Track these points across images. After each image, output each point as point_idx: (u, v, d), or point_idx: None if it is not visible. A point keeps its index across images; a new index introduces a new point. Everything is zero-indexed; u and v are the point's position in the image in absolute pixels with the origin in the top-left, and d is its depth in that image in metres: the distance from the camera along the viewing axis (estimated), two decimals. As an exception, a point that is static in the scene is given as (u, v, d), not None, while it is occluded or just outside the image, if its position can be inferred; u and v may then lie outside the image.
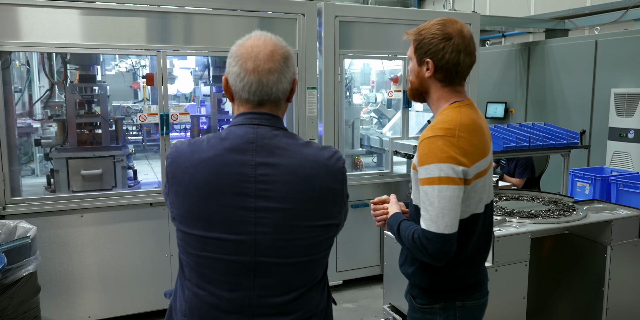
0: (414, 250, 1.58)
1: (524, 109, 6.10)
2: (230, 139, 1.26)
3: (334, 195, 1.28)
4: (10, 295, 2.19)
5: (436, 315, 1.71)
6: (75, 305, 3.40)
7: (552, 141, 3.23)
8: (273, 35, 1.31)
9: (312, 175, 1.24)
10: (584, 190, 3.40)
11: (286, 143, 1.26)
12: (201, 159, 1.24)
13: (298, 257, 1.26)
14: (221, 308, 1.26)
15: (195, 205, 1.24)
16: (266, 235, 1.22)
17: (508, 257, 2.57)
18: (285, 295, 1.26)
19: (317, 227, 1.27)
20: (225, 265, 1.25)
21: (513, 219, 2.76)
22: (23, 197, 3.28)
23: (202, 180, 1.23)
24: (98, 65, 3.78)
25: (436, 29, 1.61)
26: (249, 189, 1.22)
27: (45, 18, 3.13)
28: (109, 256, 3.44)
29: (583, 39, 5.47)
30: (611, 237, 2.83)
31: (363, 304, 3.99)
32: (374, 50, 4.09)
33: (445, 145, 1.52)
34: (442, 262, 1.56)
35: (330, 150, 1.31)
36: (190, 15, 3.48)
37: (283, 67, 1.26)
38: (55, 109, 3.71)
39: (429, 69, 1.63)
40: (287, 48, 1.29)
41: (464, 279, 1.69)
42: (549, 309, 3.25)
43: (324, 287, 1.37)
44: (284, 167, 1.23)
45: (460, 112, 1.61)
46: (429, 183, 1.52)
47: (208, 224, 1.24)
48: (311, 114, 3.89)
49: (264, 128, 1.27)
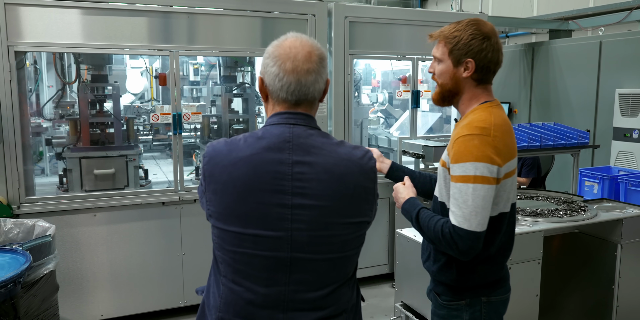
0: (440, 244, 1.61)
1: (528, 109, 6.14)
2: (267, 138, 1.28)
3: (366, 193, 1.31)
4: (33, 293, 2.21)
5: (462, 311, 1.73)
6: (88, 303, 3.42)
7: (562, 141, 3.26)
8: (309, 37, 1.34)
9: (347, 173, 1.27)
10: (592, 190, 3.44)
11: (321, 142, 1.29)
12: (239, 158, 1.27)
13: (332, 253, 1.29)
14: (256, 303, 1.29)
15: (233, 202, 1.27)
16: (302, 232, 1.25)
17: (521, 255, 2.60)
18: (318, 290, 1.29)
19: (350, 224, 1.30)
20: (261, 261, 1.27)
21: (525, 217, 2.79)
22: (37, 196, 3.30)
23: (241, 178, 1.26)
24: (110, 64, 3.80)
25: (474, 30, 1.63)
26: (286, 186, 1.25)
27: (58, 18, 3.15)
28: (121, 255, 3.46)
29: (587, 39, 5.51)
30: (621, 235, 2.86)
31: (373, 302, 4.02)
32: (384, 51, 4.11)
33: (482, 144, 1.55)
34: (469, 258, 1.60)
35: (362, 149, 1.34)
36: (201, 15, 3.50)
37: (320, 67, 1.29)
38: (66, 109, 3.73)
39: (467, 69, 1.65)
40: (322, 49, 1.33)
41: (489, 276, 1.72)
42: (559, 307, 3.28)
43: (354, 284, 1.40)
44: (320, 166, 1.26)
45: (492, 112, 1.64)
46: (464, 181, 1.54)
47: (245, 221, 1.26)
48: (321, 114, 3.92)
49: (300, 127, 1.29)
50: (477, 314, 1.74)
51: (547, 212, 2.86)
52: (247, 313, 1.30)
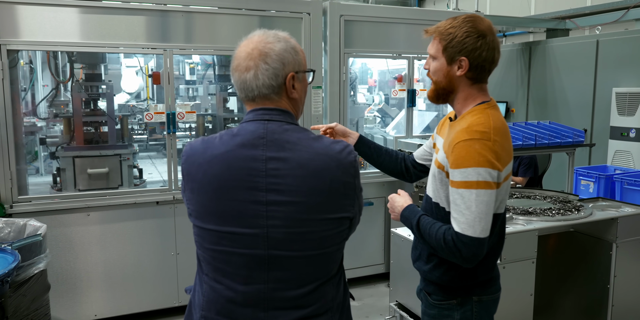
0: (443, 252, 1.57)
1: (525, 108, 6.13)
2: (241, 135, 1.28)
3: (345, 188, 1.29)
4: (22, 292, 2.20)
5: (453, 310, 1.72)
6: (82, 303, 3.40)
7: (557, 139, 3.25)
8: (269, 33, 1.32)
9: (323, 168, 1.25)
10: (588, 189, 3.43)
11: (297, 137, 1.27)
12: (214, 155, 1.27)
13: (311, 250, 1.27)
14: (237, 301, 1.29)
15: (209, 200, 1.27)
16: (278, 229, 1.24)
17: (515, 254, 2.59)
18: (299, 288, 1.28)
19: (329, 220, 1.27)
20: (239, 258, 1.27)
21: (520, 216, 2.78)
22: (30, 195, 3.28)
23: (215, 175, 1.26)
24: (104, 63, 3.78)
25: (469, 27, 1.58)
26: (260, 183, 1.24)
27: (51, 17, 3.14)
28: (115, 255, 3.44)
29: (584, 38, 5.50)
30: (617, 234, 2.85)
31: (368, 302, 4.01)
32: (379, 50, 4.10)
33: (483, 149, 1.52)
34: (472, 265, 1.57)
35: (342, 144, 1.31)
36: (195, 14, 3.49)
37: (259, 63, 1.27)
38: (60, 108, 3.71)
39: (461, 67, 1.61)
40: (272, 45, 1.29)
41: (480, 275, 1.71)
42: (555, 306, 3.27)
43: (339, 282, 1.37)
44: (295, 161, 1.24)
45: (490, 114, 1.60)
46: (467, 187, 1.51)
47: (222, 219, 1.27)
48: (316, 113, 3.91)
49: (275, 123, 1.29)
50: (468, 314, 1.73)
51: (542, 211, 2.84)
52: (229, 311, 1.30)
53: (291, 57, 1.30)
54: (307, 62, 1.40)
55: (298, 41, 3.69)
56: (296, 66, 1.31)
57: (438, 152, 1.72)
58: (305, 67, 1.36)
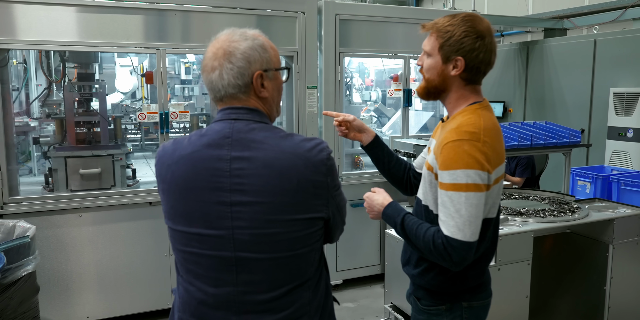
0: (431, 254, 1.52)
1: (523, 108, 6.11)
2: (208, 135, 1.26)
3: (315, 187, 1.24)
4: (9, 295, 2.16)
5: (442, 316, 1.69)
6: (74, 305, 3.37)
7: (554, 140, 3.22)
8: (236, 31, 1.29)
9: (289, 167, 1.21)
10: (584, 189, 3.40)
11: (263, 136, 1.24)
12: (181, 156, 1.26)
13: (279, 252, 1.23)
14: (208, 304, 1.27)
15: (176, 201, 1.26)
16: (243, 230, 1.21)
17: (511, 256, 2.57)
18: (270, 292, 1.25)
19: (297, 221, 1.23)
20: (208, 260, 1.25)
21: (515, 217, 2.75)
22: (21, 196, 3.25)
23: (181, 176, 1.24)
24: (97, 63, 3.75)
25: (468, 26, 1.53)
26: (224, 183, 1.22)
27: (43, 15, 3.10)
28: (107, 256, 3.41)
29: (581, 38, 5.47)
30: (613, 235, 2.83)
31: (363, 303, 3.98)
32: (374, 49, 4.07)
33: (472, 150, 1.46)
34: (461, 268, 1.52)
35: (314, 141, 1.27)
36: (189, 13, 3.46)
37: (224, 63, 1.25)
38: (53, 108, 3.68)
39: (456, 67, 1.55)
40: (237, 43, 1.26)
41: (470, 281, 1.67)
42: (551, 308, 3.25)
43: (317, 285, 1.32)
44: (259, 161, 1.21)
45: (482, 115, 1.56)
46: (455, 189, 1.46)
47: (189, 220, 1.25)
48: (311, 112, 3.88)
49: (242, 122, 1.26)
50: (457, 319, 1.69)
51: (538, 212, 2.82)
52: (201, 313, 1.28)
53: (258, 55, 1.27)
54: (302, 61, 1.37)
55: (293, 40, 3.75)
56: (264, 64, 1.28)
57: (430, 153, 1.68)
58: (277, 64, 1.33)
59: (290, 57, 3.78)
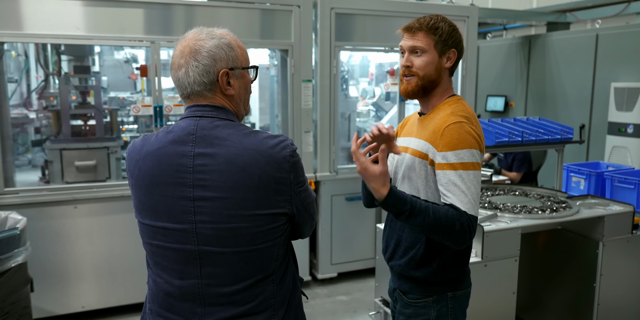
0: (450, 235, 1.53)
1: (524, 102, 6.06)
2: (174, 131, 1.30)
3: (277, 184, 1.27)
4: (-2, 285, 2.21)
5: (429, 308, 1.72)
6: (70, 295, 3.42)
7: (545, 136, 3.20)
8: (204, 30, 1.32)
9: (251, 164, 1.24)
10: (579, 186, 3.38)
11: (227, 133, 1.27)
12: (148, 152, 1.29)
13: (241, 246, 1.26)
14: (175, 295, 1.31)
15: (143, 195, 1.30)
16: (206, 224, 1.25)
17: (498, 252, 2.57)
18: (233, 285, 1.28)
19: (259, 216, 1.26)
20: (173, 253, 1.29)
21: (504, 213, 2.75)
22: (17, 187, 3.29)
23: (148, 171, 1.28)
24: (92, 56, 3.77)
25: (448, 22, 1.68)
26: (188, 179, 1.25)
27: (38, 9, 3.12)
28: (102, 247, 3.45)
29: (584, 32, 5.41)
30: (603, 233, 2.82)
31: (357, 296, 4.01)
32: (371, 43, 4.05)
33: (472, 131, 1.60)
34: (465, 246, 1.62)
35: (278, 138, 1.30)
36: (185, 6, 3.46)
37: (190, 61, 1.27)
38: (49, 100, 3.71)
39: (449, 59, 1.69)
40: (203, 42, 1.28)
41: (459, 269, 1.73)
42: (542, 304, 3.26)
43: (282, 279, 1.35)
44: (222, 157, 1.24)
45: (464, 104, 1.70)
46: (464, 168, 1.55)
47: (155, 214, 1.29)
48: (306, 106, 3.88)
49: (206, 119, 1.29)
50: (443, 310, 1.73)
51: (528, 208, 2.81)
52: (168, 305, 1.32)
53: (224, 54, 1.29)
54: (297, 55, 1.38)
55: (287, 34, 3.75)
56: (230, 62, 1.30)
57: (410, 145, 1.71)
58: (245, 63, 1.35)
59: (286, 50, 3.78)
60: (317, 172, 3.99)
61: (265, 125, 4.57)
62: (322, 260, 4.15)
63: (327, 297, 4.00)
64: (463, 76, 4.40)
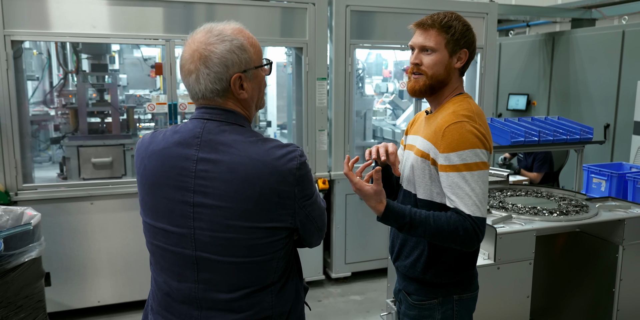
0: (456, 240, 1.52)
1: (547, 101, 5.92)
2: (181, 132, 1.26)
3: (280, 197, 1.21)
4: (9, 279, 2.25)
5: (434, 310, 1.69)
6: (85, 290, 3.48)
7: (563, 136, 3.10)
8: (213, 31, 1.24)
9: (253, 174, 1.18)
10: (599, 187, 3.28)
11: (232, 140, 1.22)
12: (153, 151, 1.27)
13: (237, 257, 1.23)
14: (173, 297, 1.30)
15: (146, 194, 1.29)
16: (204, 231, 1.22)
17: (511, 254, 2.51)
18: (230, 293, 1.25)
19: (257, 229, 1.21)
20: (172, 255, 1.27)
21: (520, 215, 2.69)
22: (35, 183, 3.36)
23: (151, 171, 1.26)
24: (110, 54, 3.81)
25: (462, 21, 1.64)
26: (189, 183, 1.22)
27: (55, 8, 3.17)
28: (118, 243, 3.50)
29: (609, 29, 5.24)
30: (623, 236, 2.73)
31: (371, 296, 3.98)
32: (387, 41, 4.00)
33: (473, 130, 1.55)
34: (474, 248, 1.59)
35: (288, 149, 1.23)
36: (198, 4, 3.47)
37: (200, 68, 1.21)
38: (68, 98, 3.77)
39: (460, 59, 1.64)
40: (213, 46, 1.21)
41: (464, 271, 1.70)
42: (558, 309, 3.17)
43: (282, 290, 1.30)
44: (224, 165, 1.19)
45: (471, 102, 1.65)
46: (468, 169, 1.51)
47: (155, 214, 1.27)
48: (321, 104, 3.86)
49: (213, 123, 1.25)
50: (449, 313, 1.70)
51: (545, 210, 2.74)
52: (167, 305, 1.31)
53: (236, 58, 1.22)
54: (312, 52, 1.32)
55: (302, 32, 3.73)
56: (243, 66, 1.24)
57: (416, 144, 1.70)
58: (258, 62, 1.28)
59: (300, 48, 3.76)
60: (331, 171, 3.97)
61: (282, 123, 4.57)
62: (336, 259, 4.13)
63: (341, 296, 3.98)
64: (481, 74, 4.31)
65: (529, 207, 2.78)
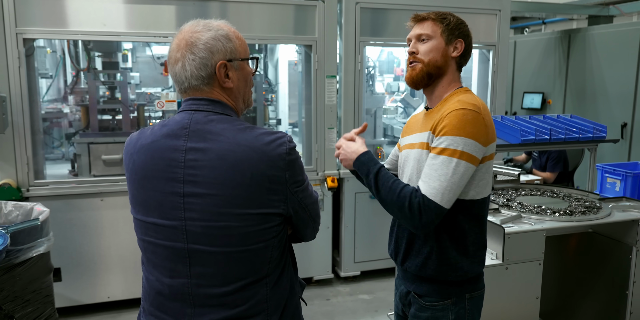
0: (400, 212, 1.52)
1: (563, 99, 5.82)
2: (168, 125, 1.27)
3: (270, 182, 1.21)
4: (17, 274, 2.27)
5: (448, 311, 1.66)
6: (95, 285, 3.51)
7: (576, 134, 3.04)
8: (200, 22, 1.28)
9: (243, 160, 1.19)
10: (614, 187, 3.21)
11: (220, 128, 1.23)
12: (142, 145, 1.27)
13: (231, 246, 1.22)
14: (164, 294, 1.28)
15: (136, 190, 1.28)
16: (195, 222, 1.21)
17: (520, 255, 2.46)
18: (223, 286, 1.24)
19: (250, 215, 1.21)
20: (163, 250, 1.26)
21: (530, 215, 2.64)
22: (47, 180, 3.40)
23: (140, 165, 1.26)
24: (121, 52, 3.84)
25: (457, 17, 1.69)
26: (179, 174, 1.21)
27: (66, 6, 3.20)
28: (127, 239, 3.53)
29: (626, 26, 5.13)
30: (637, 237, 2.66)
31: (379, 295, 3.95)
32: (397, 38, 3.97)
33: (475, 121, 1.52)
34: (421, 233, 1.60)
35: (275, 135, 1.24)
36: (208, 2, 3.48)
37: (186, 54, 1.24)
38: (81, 95, 3.81)
39: (456, 49, 1.66)
40: (199, 34, 1.24)
41: (475, 268, 1.68)
42: (570, 310, 3.11)
43: (277, 283, 1.29)
44: (213, 152, 1.20)
45: (474, 95, 1.65)
46: (450, 154, 1.50)
47: (146, 209, 1.26)
48: (330, 102, 3.84)
49: (201, 113, 1.25)
50: (461, 312, 1.68)
51: (556, 210, 2.68)
52: (159, 303, 1.30)
53: (221, 45, 1.25)
54: (321, 50, 1.33)
55: (311, 29, 3.71)
56: (228, 54, 1.26)
57: (415, 140, 1.68)
58: (244, 55, 1.31)
59: (309, 46, 3.74)
60: (340, 169, 3.95)
61: (294, 122, 4.56)
62: (345, 258, 4.11)
63: (349, 295, 3.96)
64: (494, 72, 4.25)
65: (540, 207, 2.73)
